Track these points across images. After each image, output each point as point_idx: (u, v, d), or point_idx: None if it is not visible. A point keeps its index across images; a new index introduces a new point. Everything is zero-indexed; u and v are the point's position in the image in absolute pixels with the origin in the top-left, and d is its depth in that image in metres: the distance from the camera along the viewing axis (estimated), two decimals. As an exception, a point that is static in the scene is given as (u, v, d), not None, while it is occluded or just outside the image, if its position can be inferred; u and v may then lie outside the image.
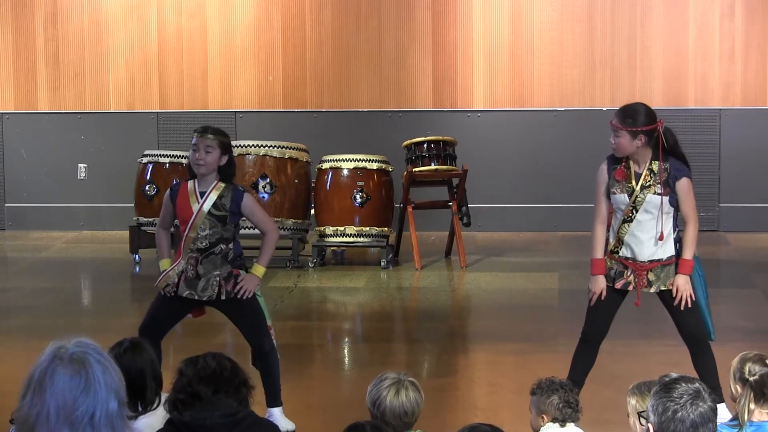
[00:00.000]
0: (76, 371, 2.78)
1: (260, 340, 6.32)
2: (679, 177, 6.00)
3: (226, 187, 6.30)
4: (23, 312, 9.95)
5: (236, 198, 6.27)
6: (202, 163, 6.24)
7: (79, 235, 13.60)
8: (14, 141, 13.99)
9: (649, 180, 5.99)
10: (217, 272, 6.25)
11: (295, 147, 11.50)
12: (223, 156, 6.28)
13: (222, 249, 6.27)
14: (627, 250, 6.04)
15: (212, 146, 6.25)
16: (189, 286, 6.27)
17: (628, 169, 6.02)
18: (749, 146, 13.18)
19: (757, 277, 10.78)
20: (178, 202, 6.31)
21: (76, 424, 2.76)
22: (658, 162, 5.99)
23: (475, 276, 11.02)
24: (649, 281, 6.04)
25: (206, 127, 6.39)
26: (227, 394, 4.03)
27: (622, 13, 13.33)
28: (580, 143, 13.10)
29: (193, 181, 6.32)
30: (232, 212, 6.27)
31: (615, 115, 6.05)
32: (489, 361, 8.27)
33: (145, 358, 4.70)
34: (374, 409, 4.50)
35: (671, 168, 5.99)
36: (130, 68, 13.85)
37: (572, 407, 4.83)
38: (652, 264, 6.02)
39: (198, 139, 6.27)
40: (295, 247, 11.40)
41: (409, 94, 13.58)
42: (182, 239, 6.29)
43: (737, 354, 4.62)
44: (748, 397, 4.35)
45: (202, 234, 6.24)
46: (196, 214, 6.24)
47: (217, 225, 6.25)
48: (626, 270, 6.05)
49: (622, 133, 5.98)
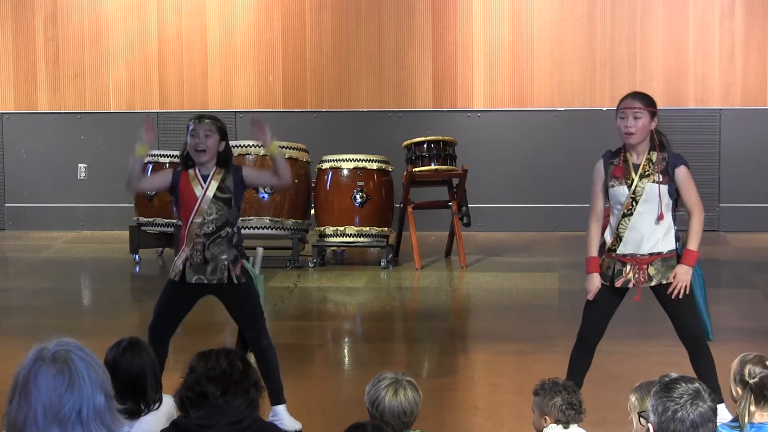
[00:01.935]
0: (59, 370, 2.80)
1: (258, 336, 6.30)
2: (677, 165, 5.99)
3: (226, 170, 6.30)
4: (23, 312, 9.95)
5: (237, 176, 6.29)
6: (203, 148, 6.22)
7: (79, 235, 13.60)
8: (14, 141, 13.99)
9: (648, 169, 5.97)
10: (224, 256, 6.23)
11: (295, 147, 11.50)
12: (221, 141, 6.29)
13: (228, 232, 6.26)
14: (626, 246, 6.00)
15: (211, 130, 6.26)
16: (197, 271, 6.23)
17: (626, 163, 6.00)
18: (749, 146, 13.19)
19: (757, 277, 10.78)
20: (181, 191, 6.28)
21: (64, 421, 2.77)
22: (655, 152, 5.99)
23: (475, 276, 11.02)
24: (650, 275, 5.99)
25: (202, 114, 6.43)
26: (235, 395, 3.95)
27: (622, 13, 13.33)
28: (580, 143, 13.09)
29: (192, 169, 6.31)
30: (237, 191, 6.27)
31: (633, 98, 6.04)
32: (489, 361, 8.27)
33: (144, 357, 4.69)
34: (373, 409, 4.50)
35: (669, 157, 6.00)
36: (130, 68, 13.85)
37: (575, 409, 4.83)
38: (652, 257, 5.98)
39: (196, 125, 6.27)
40: (295, 247, 11.40)
41: (409, 94, 13.58)
42: (186, 225, 6.26)
43: (737, 354, 4.62)
44: (749, 399, 4.35)
45: (209, 218, 6.23)
46: (201, 199, 6.22)
47: (223, 208, 6.25)
48: (625, 267, 6.02)
49: (644, 113, 5.97)
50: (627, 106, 6.02)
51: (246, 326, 6.37)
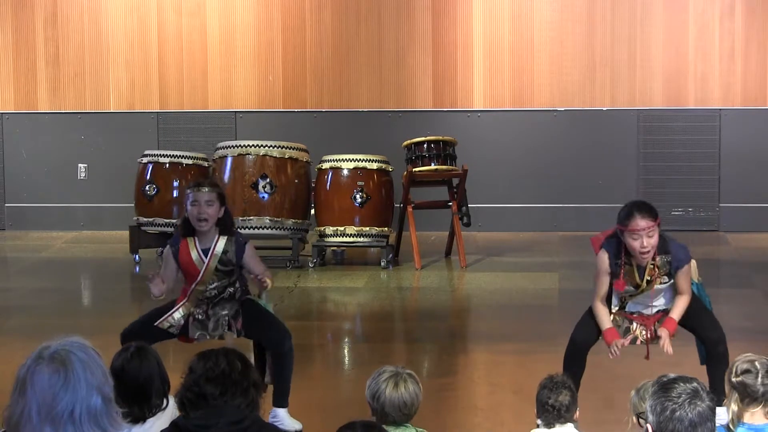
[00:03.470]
0: (56, 369, 2.83)
1: (281, 339, 6.27)
2: (681, 267, 5.90)
3: (228, 240, 6.27)
4: (23, 312, 9.95)
5: (239, 251, 6.27)
6: (206, 218, 6.19)
7: (79, 235, 13.60)
8: (14, 141, 13.99)
9: (654, 273, 5.88)
10: (225, 312, 6.30)
11: (295, 147, 11.50)
12: (221, 207, 6.26)
13: (230, 292, 6.31)
14: (634, 306, 6.01)
15: (212, 199, 6.21)
16: (200, 327, 6.31)
17: (629, 266, 5.85)
18: (749, 146, 13.18)
19: (757, 277, 10.77)
20: (181, 261, 6.29)
21: (56, 420, 2.81)
22: (660, 256, 5.85)
23: (475, 276, 11.02)
24: (657, 333, 6.00)
25: (199, 181, 6.37)
26: (234, 395, 3.94)
27: (622, 14, 13.32)
28: (580, 143, 13.09)
29: (192, 238, 6.27)
30: (238, 262, 6.29)
31: (641, 217, 5.72)
32: (489, 361, 8.27)
33: (151, 362, 4.71)
34: (374, 402, 4.51)
35: (673, 259, 5.88)
36: (130, 68, 13.85)
37: (556, 410, 4.72)
38: (659, 315, 6.02)
39: (196, 194, 6.20)
40: (295, 247, 11.40)
41: (409, 94, 13.58)
42: (188, 289, 6.31)
43: (737, 354, 4.62)
44: (731, 397, 4.38)
45: (211, 287, 6.27)
46: (203, 273, 6.24)
47: (225, 277, 6.28)
48: (632, 324, 6.02)
49: (656, 230, 5.75)
50: (638, 226, 5.73)
51: (267, 334, 6.32)
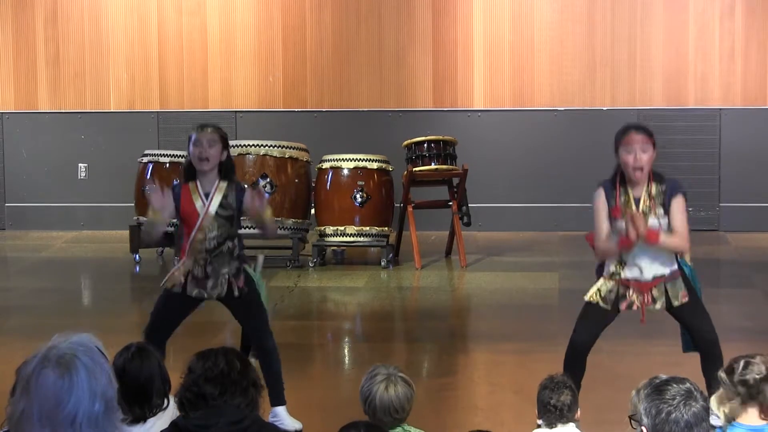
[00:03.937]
0: (61, 374, 2.82)
1: (264, 338, 6.32)
2: (674, 194, 5.88)
3: (229, 185, 6.29)
4: (23, 312, 9.95)
5: (239, 195, 6.28)
6: (206, 156, 6.20)
7: (79, 235, 13.60)
8: (14, 141, 13.99)
9: (648, 203, 5.87)
10: (225, 270, 6.26)
11: (295, 147, 11.50)
12: (224, 151, 6.29)
13: (229, 246, 6.27)
14: (630, 271, 5.97)
15: (214, 140, 6.25)
16: (198, 285, 6.27)
17: (625, 195, 5.89)
18: (749, 146, 13.18)
19: (757, 277, 10.77)
20: (182, 207, 6.27)
21: (56, 425, 2.80)
22: (654, 184, 5.88)
23: (475, 276, 11.02)
24: (654, 298, 5.97)
25: (204, 123, 6.40)
26: (234, 395, 3.93)
27: (622, 14, 13.33)
28: (580, 143, 13.10)
29: (193, 182, 6.31)
30: (238, 208, 6.28)
31: (636, 131, 5.85)
32: (489, 361, 8.27)
33: (152, 362, 4.70)
34: (366, 406, 4.51)
35: (667, 187, 5.89)
36: (130, 68, 13.85)
37: (558, 409, 4.73)
38: (656, 281, 5.97)
39: (199, 134, 6.25)
40: (295, 246, 11.40)
41: (409, 93, 13.58)
42: (187, 240, 6.27)
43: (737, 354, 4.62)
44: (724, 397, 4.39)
45: (211, 235, 6.24)
46: (203, 216, 6.23)
47: (225, 225, 6.25)
48: (628, 290, 6.00)
49: (650, 147, 5.84)
50: (633, 139, 5.83)
51: (251, 329, 6.38)
